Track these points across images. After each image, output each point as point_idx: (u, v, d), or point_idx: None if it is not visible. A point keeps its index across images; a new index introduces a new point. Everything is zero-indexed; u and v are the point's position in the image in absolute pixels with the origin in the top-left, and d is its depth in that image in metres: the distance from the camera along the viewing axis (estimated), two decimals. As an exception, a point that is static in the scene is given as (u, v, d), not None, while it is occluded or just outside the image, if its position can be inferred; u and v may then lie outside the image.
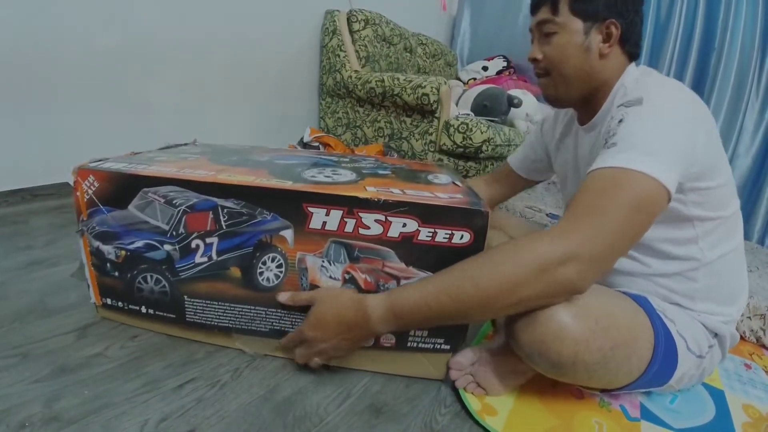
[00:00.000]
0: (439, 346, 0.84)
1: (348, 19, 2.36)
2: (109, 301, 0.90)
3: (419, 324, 0.76)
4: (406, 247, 0.76)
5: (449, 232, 0.75)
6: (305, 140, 2.26)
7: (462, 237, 0.75)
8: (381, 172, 0.96)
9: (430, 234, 0.75)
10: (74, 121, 1.63)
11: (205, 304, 0.85)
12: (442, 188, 0.86)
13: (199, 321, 0.87)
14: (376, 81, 2.12)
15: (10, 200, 1.54)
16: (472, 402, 0.81)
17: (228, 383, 0.80)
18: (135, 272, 0.85)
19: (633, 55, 0.87)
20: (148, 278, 0.85)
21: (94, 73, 1.64)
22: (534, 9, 0.89)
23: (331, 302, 0.77)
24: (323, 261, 0.79)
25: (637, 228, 0.68)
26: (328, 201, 0.75)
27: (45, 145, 1.58)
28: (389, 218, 0.75)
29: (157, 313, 0.88)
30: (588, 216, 0.65)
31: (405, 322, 0.73)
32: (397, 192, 0.78)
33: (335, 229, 0.77)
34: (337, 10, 2.38)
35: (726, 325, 0.86)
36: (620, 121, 0.72)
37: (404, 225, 0.75)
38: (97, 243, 0.85)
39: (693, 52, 2.53)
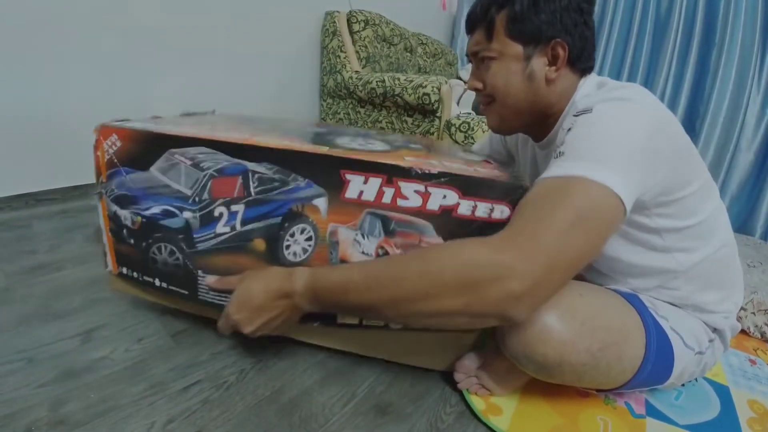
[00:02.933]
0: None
1: (348, 20, 2.36)
2: (125, 270, 0.85)
3: (338, 308, 0.70)
4: (445, 220, 0.72)
5: (490, 206, 0.71)
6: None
7: (502, 212, 0.71)
8: (413, 146, 0.92)
9: (471, 207, 0.71)
10: (76, 124, 1.63)
11: None
12: (479, 164, 0.82)
13: (212, 300, 0.80)
14: (376, 81, 2.12)
15: (14, 205, 1.54)
16: (477, 402, 0.81)
17: (233, 384, 0.81)
18: (150, 241, 0.79)
19: (586, 71, 0.80)
20: (162, 248, 0.79)
21: (94, 77, 1.64)
22: (468, 30, 0.82)
23: (258, 277, 0.72)
24: (357, 234, 0.74)
25: (582, 243, 0.59)
26: (368, 168, 0.71)
27: (48, 148, 1.58)
28: (429, 189, 0.70)
29: (170, 287, 0.82)
30: (530, 227, 0.59)
31: (324, 302, 0.69)
32: (435, 164, 0.74)
33: (372, 199, 0.72)
34: (337, 11, 2.37)
35: (726, 319, 0.84)
36: (569, 130, 0.66)
37: (444, 197, 0.71)
38: (114, 207, 0.80)
39: (693, 48, 2.52)
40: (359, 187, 0.71)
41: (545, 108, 0.80)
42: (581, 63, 0.78)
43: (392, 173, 0.70)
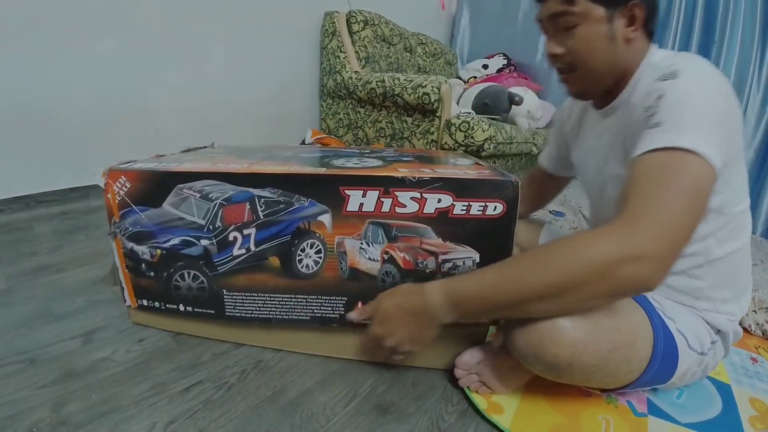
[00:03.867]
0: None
1: (347, 20, 2.36)
2: (145, 302, 0.90)
3: (477, 313, 0.71)
4: (443, 222, 0.77)
5: (483, 204, 0.76)
6: (307, 142, 2.27)
7: (495, 208, 0.76)
8: (404, 159, 0.97)
9: (465, 207, 0.76)
10: (76, 126, 1.63)
11: (244, 297, 0.85)
12: (469, 167, 0.87)
13: (239, 314, 0.87)
14: (376, 81, 2.12)
15: (14, 207, 1.55)
16: (479, 400, 0.81)
17: (235, 385, 0.81)
18: (171, 270, 0.85)
19: (652, 34, 0.82)
20: (186, 275, 0.85)
21: (94, 78, 1.64)
22: None
23: (391, 295, 0.77)
24: (362, 243, 0.80)
25: (696, 216, 0.63)
26: (364, 182, 0.77)
27: (48, 150, 1.58)
28: (424, 195, 0.76)
29: (195, 310, 0.88)
30: (649, 211, 0.61)
31: (464, 309, 0.70)
32: (428, 171, 0.79)
33: (372, 209, 0.78)
34: (336, 12, 2.38)
35: (730, 322, 0.84)
36: (660, 97, 0.67)
37: (439, 200, 0.76)
38: (131, 244, 0.85)
39: (693, 46, 2.53)
40: (359, 200, 0.77)
41: (623, 70, 0.81)
42: (651, 25, 0.80)
43: (388, 184, 0.76)
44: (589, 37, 0.77)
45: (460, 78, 3.18)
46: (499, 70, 3.11)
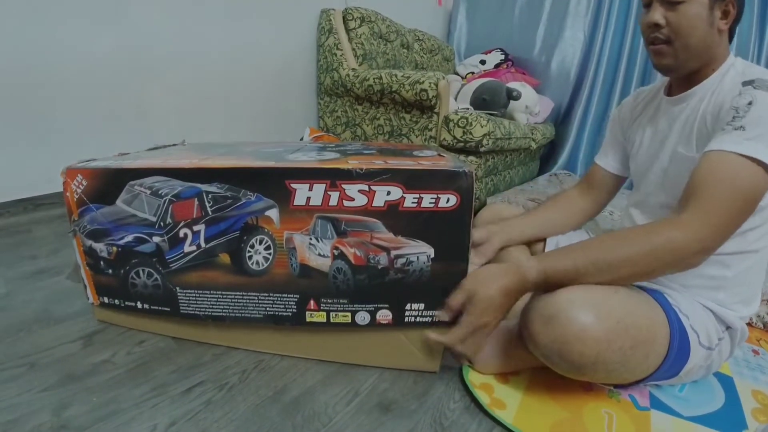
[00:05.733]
0: (437, 319, 0.81)
1: (344, 17, 2.35)
2: (106, 299, 0.90)
3: (561, 286, 0.75)
4: (393, 215, 0.76)
5: (435, 196, 0.74)
6: (305, 140, 2.26)
7: (448, 200, 0.74)
8: (366, 152, 0.95)
9: (416, 200, 0.74)
10: (75, 128, 1.62)
11: (197, 294, 0.84)
12: (426, 159, 0.84)
13: (193, 312, 0.86)
14: (374, 78, 2.11)
15: (13, 210, 1.54)
16: (482, 396, 0.81)
17: (236, 385, 0.81)
18: (128, 267, 0.85)
19: (733, 37, 0.88)
20: (141, 272, 0.85)
21: (92, 79, 1.63)
22: None
23: (489, 281, 0.76)
24: (311, 238, 0.78)
25: (745, 217, 0.73)
26: (310, 175, 0.75)
27: (46, 153, 1.58)
28: (372, 187, 0.74)
29: (152, 307, 0.88)
30: (714, 209, 0.71)
31: (551, 284, 0.76)
32: (379, 163, 0.77)
33: (319, 203, 0.76)
34: (333, 9, 2.36)
35: (740, 320, 0.86)
36: (750, 103, 0.73)
37: (388, 193, 0.74)
38: (89, 242, 0.86)
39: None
40: (305, 194, 0.76)
41: (711, 57, 0.86)
42: (735, 27, 0.87)
43: (335, 177, 0.74)
44: (692, 16, 0.82)
45: (457, 74, 3.17)
46: (497, 66, 3.10)
